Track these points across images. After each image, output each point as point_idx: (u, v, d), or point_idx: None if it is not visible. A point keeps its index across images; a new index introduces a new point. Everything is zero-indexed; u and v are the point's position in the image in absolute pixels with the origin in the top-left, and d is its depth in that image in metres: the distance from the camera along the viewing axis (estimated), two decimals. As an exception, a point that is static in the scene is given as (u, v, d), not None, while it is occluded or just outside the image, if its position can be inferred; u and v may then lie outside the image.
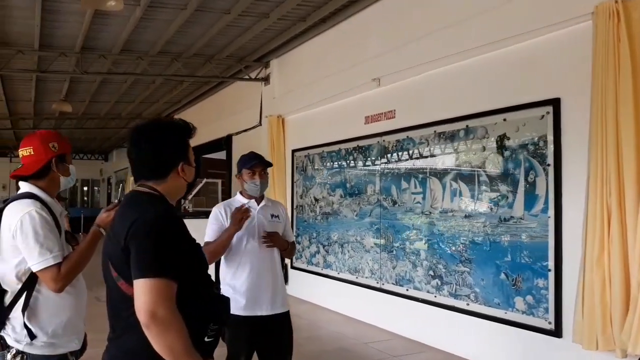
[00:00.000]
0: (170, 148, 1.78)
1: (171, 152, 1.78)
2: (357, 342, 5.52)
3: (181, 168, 1.79)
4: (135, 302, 1.55)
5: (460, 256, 4.99)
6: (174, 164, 1.78)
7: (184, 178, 1.82)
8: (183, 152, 1.81)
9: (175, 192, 1.83)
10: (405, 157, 5.75)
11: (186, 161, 1.82)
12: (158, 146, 1.77)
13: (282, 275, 3.23)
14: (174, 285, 1.59)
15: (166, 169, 1.78)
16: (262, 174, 3.15)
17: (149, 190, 1.77)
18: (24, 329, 2.08)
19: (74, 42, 7.47)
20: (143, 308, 1.52)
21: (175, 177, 1.80)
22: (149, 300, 1.52)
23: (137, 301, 1.54)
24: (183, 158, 1.81)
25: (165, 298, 1.54)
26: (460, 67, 5.10)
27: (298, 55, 8.06)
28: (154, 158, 1.77)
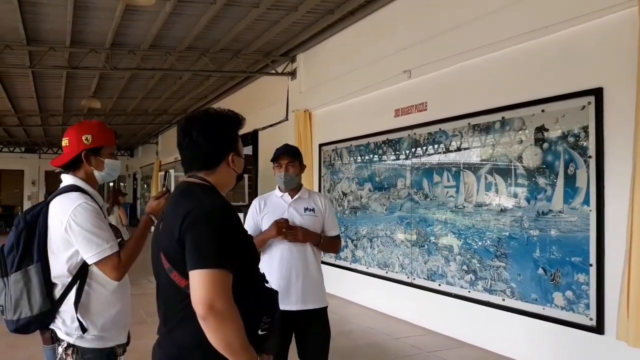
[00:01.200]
0: (221, 139, 1.76)
1: (222, 143, 1.76)
2: (389, 337, 5.46)
3: (231, 159, 1.77)
4: (192, 294, 1.52)
5: (496, 251, 4.89)
6: (224, 155, 1.77)
7: (233, 169, 1.80)
8: (233, 143, 1.79)
9: (226, 183, 1.81)
10: (438, 149, 5.66)
11: (236, 152, 1.80)
12: (209, 137, 1.74)
13: (318, 270, 3.13)
14: (231, 276, 1.55)
15: (217, 160, 1.76)
16: (288, 167, 3.06)
17: (201, 182, 1.75)
18: (74, 322, 2.07)
19: (104, 39, 7.54)
20: (201, 300, 1.49)
21: (225, 168, 1.78)
22: (206, 291, 1.49)
23: (194, 293, 1.51)
24: (233, 149, 1.79)
25: (223, 289, 1.51)
26: (496, 57, 4.99)
27: (325, 49, 8.00)
28: (204, 149, 1.74)
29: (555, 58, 4.45)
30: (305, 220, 3.06)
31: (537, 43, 4.58)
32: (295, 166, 3.09)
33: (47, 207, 2.14)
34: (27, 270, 2.07)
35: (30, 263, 2.08)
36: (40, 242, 2.09)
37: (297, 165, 3.10)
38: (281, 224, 2.95)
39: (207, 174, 1.76)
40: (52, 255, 2.09)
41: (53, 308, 2.08)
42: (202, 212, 1.59)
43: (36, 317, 2.07)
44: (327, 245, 3.17)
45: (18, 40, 7.33)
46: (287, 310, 2.94)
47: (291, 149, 3.20)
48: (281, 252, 3.01)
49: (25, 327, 2.08)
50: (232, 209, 1.69)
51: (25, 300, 2.06)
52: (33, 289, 2.06)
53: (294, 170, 3.08)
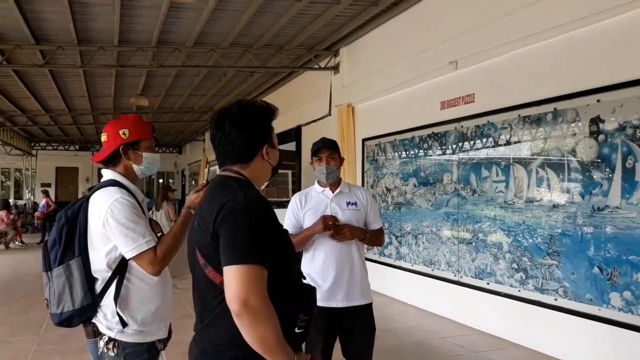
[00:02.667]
0: (254, 130, 1.71)
1: (255, 135, 1.71)
2: (435, 336, 5.32)
3: (265, 151, 1.72)
4: (226, 290, 1.47)
5: (548, 248, 4.67)
6: (258, 147, 1.72)
7: (268, 161, 1.74)
8: (267, 135, 1.74)
9: (261, 176, 1.76)
10: (486, 143, 5.46)
11: (270, 144, 1.74)
12: (242, 129, 1.69)
13: (363, 265, 3.06)
14: (266, 272, 1.50)
15: (250, 152, 1.71)
16: (329, 160, 2.99)
17: (236, 175, 1.70)
18: (114, 317, 2.08)
19: (150, 37, 7.67)
20: (235, 296, 1.44)
21: (259, 160, 1.73)
22: (241, 288, 1.44)
23: (228, 289, 1.47)
24: (267, 140, 1.73)
25: (257, 286, 1.46)
26: (547, 45, 4.76)
27: (368, 42, 7.88)
28: (238, 141, 1.69)
29: (612, 45, 4.20)
30: (347, 214, 2.99)
31: (591, 29, 4.33)
32: (335, 159, 3.02)
33: (87, 202, 2.15)
34: (68, 265, 2.09)
35: (71, 258, 2.09)
36: (80, 236, 2.10)
37: (336, 158, 3.04)
38: (329, 220, 2.89)
39: (241, 168, 1.72)
40: (92, 250, 2.10)
41: (94, 302, 2.09)
42: (237, 206, 1.54)
43: (78, 311, 2.08)
44: (372, 239, 3.10)
45: (69, 41, 7.56)
46: (332, 307, 2.89)
47: (330, 141, 3.12)
48: (325, 249, 2.95)
49: (68, 320, 2.10)
50: (267, 203, 1.64)
51: (68, 294, 2.07)
52: (75, 283, 2.08)
53: (335, 163, 3.02)
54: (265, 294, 1.47)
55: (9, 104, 12.54)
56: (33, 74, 9.80)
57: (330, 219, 2.90)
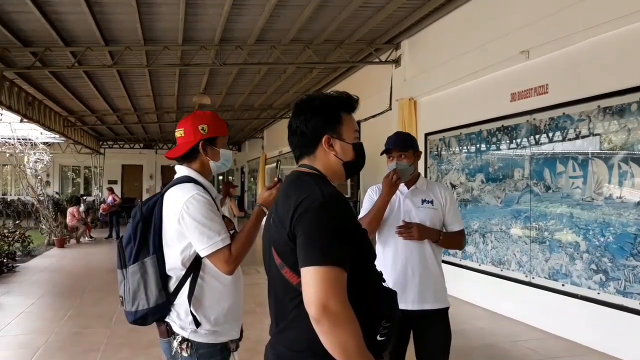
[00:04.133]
0: (316, 119, 1.61)
1: (315, 124, 1.61)
2: (506, 339, 5.08)
3: (326, 141, 1.61)
4: (304, 294, 1.38)
5: (632, 249, 4.35)
6: (318, 137, 1.62)
7: (335, 155, 1.63)
8: (330, 124, 1.63)
9: (331, 170, 1.64)
10: (561, 136, 5.15)
11: (334, 134, 1.63)
12: (304, 117, 1.62)
13: (438, 266, 2.88)
14: (345, 274, 1.40)
15: (312, 143, 1.63)
16: (400, 158, 2.83)
17: (310, 170, 1.62)
18: (188, 316, 2.04)
19: (213, 35, 7.77)
20: (313, 300, 1.35)
21: (322, 152, 1.63)
22: (320, 291, 1.35)
23: (306, 292, 1.38)
24: (329, 130, 1.62)
25: (337, 289, 1.36)
26: (631, 30, 4.42)
27: (431, 34, 7.64)
28: (299, 130, 1.63)
29: None
30: (421, 213, 2.83)
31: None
32: (408, 156, 2.85)
33: (162, 198, 2.12)
34: (143, 262, 2.06)
35: (146, 255, 2.06)
36: (155, 233, 2.07)
37: (410, 155, 2.86)
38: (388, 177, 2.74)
39: (311, 161, 1.64)
40: (167, 247, 2.07)
41: (168, 300, 2.06)
42: (314, 203, 1.45)
43: (153, 310, 2.05)
44: (448, 241, 2.90)
45: (136, 41, 7.76)
46: (403, 310, 2.75)
47: (402, 138, 2.95)
48: (395, 246, 2.80)
49: (142, 318, 2.08)
50: (344, 199, 1.54)
51: (142, 292, 2.05)
52: (149, 281, 2.05)
53: (408, 160, 2.85)
54: (346, 297, 1.38)
55: (80, 104, 13.10)
56: (102, 74, 10.16)
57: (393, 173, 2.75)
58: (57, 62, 8.70)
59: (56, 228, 13.32)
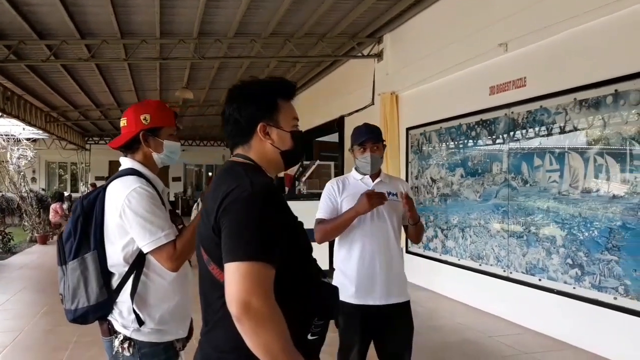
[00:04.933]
0: (249, 105, 1.53)
1: (250, 110, 1.52)
2: (482, 335, 5.04)
3: (262, 129, 1.53)
4: (226, 291, 1.30)
5: (606, 242, 4.31)
6: (252, 123, 1.53)
7: (272, 144, 1.54)
8: (266, 110, 1.54)
9: (267, 160, 1.56)
10: (539, 129, 5.10)
11: (270, 121, 1.54)
12: (237, 104, 1.53)
13: (401, 259, 2.85)
14: (272, 271, 1.32)
15: (246, 131, 1.54)
16: (374, 149, 2.79)
17: (244, 160, 1.54)
18: (131, 314, 1.96)
19: (191, 28, 7.64)
20: (234, 297, 1.27)
21: (258, 141, 1.54)
22: (241, 288, 1.27)
23: (228, 289, 1.29)
24: (265, 117, 1.53)
25: (261, 286, 1.28)
26: (607, 22, 4.37)
27: (413, 27, 7.57)
28: (231, 117, 1.54)
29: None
30: (389, 206, 2.77)
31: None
32: (380, 148, 2.83)
33: (104, 191, 2.03)
34: (83, 258, 1.98)
35: (87, 251, 1.98)
36: (96, 228, 1.99)
37: (380, 147, 2.84)
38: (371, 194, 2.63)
39: (245, 150, 1.55)
40: (109, 243, 1.98)
41: (110, 298, 1.98)
42: (241, 194, 1.36)
43: (93, 308, 1.97)
44: (419, 228, 2.90)
45: (112, 34, 7.61)
46: (370, 305, 2.70)
47: (374, 129, 2.89)
48: (362, 241, 2.74)
49: (83, 317, 1.99)
50: (277, 191, 1.45)
51: (83, 290, 1.97)
52: (90, 277, 1.97)
53: (380, 152, 2.82)
54: (271, 295, 1.30)
55: (61, 100, 12.91)
56: (81, 68, 10.00)
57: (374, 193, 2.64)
58: (32, 56, 8.52)
59: (39, 225, 13.15)
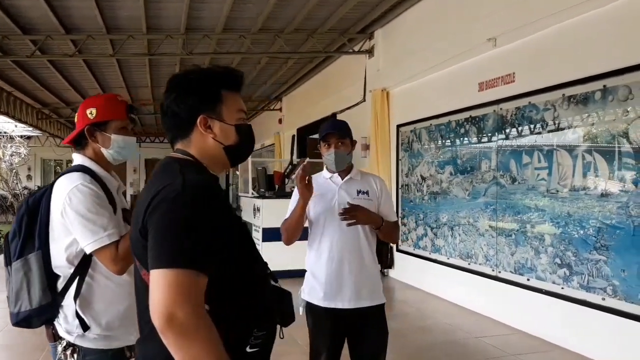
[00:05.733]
0: (189, 96, 1.40)
1: (189, 101, 1.40)
2: (470, 335, 4.93)
3: (202, 121, 1.40)
4: (150, 301, 1.19)
5: (595, 242, 4.20)
6: (192, 116, 1.40)
7: (214, 138, 1.42)
8: (207, 102, 1.42)
9: (209, 156, 1.43)
10: (527, 126, 5.00)
11: (212, 113, 1.42)
12: (177, 94, 1.41)
13: (374, 261, 2.72)
14: (203, 279, 1.20)
15: (186, 124, 1.42)
16: (338, 144, 2.65)
17: (183, 156, 1.42)
18: (75, 319, 1.86)
19: (178, 23, 7.52)
20: (157, 308, 1.16)
21: (199, 135, 1.42)
22: (165, 298, 1.15)
23: (151, 299, 1.18)
24: (206, 109, 1.41)
25: (188, 296, 1.16)
26: (595, 16, 4.26)
27: (404, 22, 7.45)
28: (169, 109, 1.42)
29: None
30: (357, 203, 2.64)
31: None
32: (346, 144, 2.69)
33: (51, 188, 1.93)
34: (27, 259, 1.87)
35: (31, 251, 1.88)
36: (41, 227, 1.88)
37: (347, 143, 2.70)
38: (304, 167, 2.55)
39: (185, 145, 1.43)
40: (54, 243, 1.88)
41: (54, 301, 1.87)
42: (169, 194, 1.25)
43: (36, 311, 1.86)
44: (387, 230, 2.71)
45: (98, 29, 7.49)
46: (339, 309, 2.58)
47: (339, 124, 2.79)
48: (330, 242, 2.61)
49: (26, 321, 1.89)
50: (213, 189, 1.33)
51: (25, 292, 1.86)
52: (33, 279, 1.86)
53: (346, 149, 2.68)
54: (199, 305, 1.18)
55: (52, 96, 12.78)
56: (69, 64, 9.87)
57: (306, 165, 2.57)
58: (17, 51, 8.39)
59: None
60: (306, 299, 2.66)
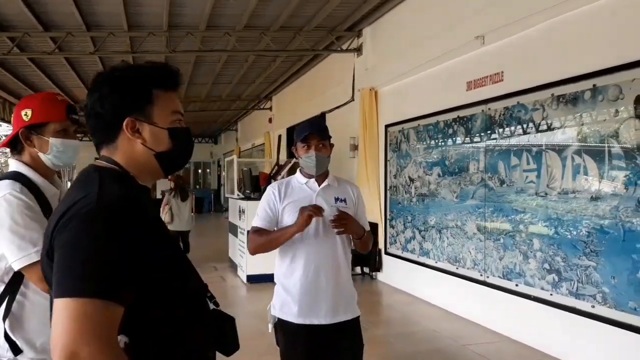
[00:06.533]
0: (114, 95, 1.22)
1: (114, 101, 1.22)
2: (455, 342, 4.77)
3: (129, 125, 1.22)
4: (51, 335, 1.01)
5: (585, 247, 4.05)
6: (117, 118, 1.22)
7: (143, 143, 1.24)
8: (135, 103, 1.23)
9: (138, 164, 1.25)
10: (516, 126, 4.84)
11: (140, 116, 1.24)
12: (100, 93, 1.22)
13: (349, 273, 2.56)
14: (116, 309, 1.03)
15: (109, 126, 1.24)
16: (319, 146, 2.48)
17: (106, 164, 1.24)
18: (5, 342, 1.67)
19: (160, 21, 7.32)
20: (58, 345, 0.97)
21: (126, 140, 1.24)
22: (67, 332, 0.97)
23: (53, 333, 1.00)
24: (134, 111, 1.23)
25: (94, 330, 0.98)
26: (586, 12, 4.11)
27: (392, 20, 7.29)
28: (93, 111, 1.23)
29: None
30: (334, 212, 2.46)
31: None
32: (327, 146, 2.52)
33: None
34: None
35: None
36: None
37: (328, 145, 2.53)
38: (311, 210, 2.33)
39: (110, 152, 1.25)
40: None
41: None
42: (80, 210, 1.07)
43: None
44: (366, 240, 2.57)
45: (77, 26, 7.29)
46: (314, 325, 2.41)
47: (319, 124, 2.61)
48: (306, 254, 2.44)
49: None
50: (134, 204, 1.14)
51: None
52: None
53: (327, 151, 2.51)
54: (110, 341, 1.01)
55: (37, 95, 12.54)
56: (51, 63, 9.64)
57: (314, 209, 2.34)
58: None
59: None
60: (277, 315, 2.48)
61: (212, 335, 1.28)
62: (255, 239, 2.50)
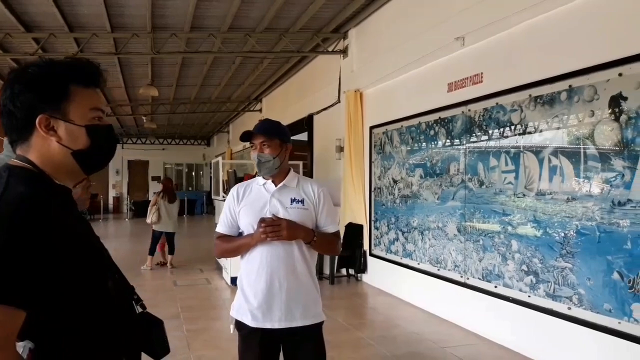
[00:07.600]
0: (27, 92, 1.18)
1: (26, 98, 1.18)
2: (436, 345, 4.74)
3: (42, 122, 1.19)
4: None
5: (561, 249, 4.03)
6: (30, 115, 1.18)
7: (58, 142, 1.20)
8: (49, 99, 1.20)
9: (54, 163, 1.21)
10: (494, 128, 4.82)
11: (55, 113, 1.20)
12: (12, 90, 1.18)
13: (310, 276, 2.47)
14: (17, 313, 0.99)
15: (23, 124, 1.20)
16: (263, 147, 2.41)
17: (20, 164, 1.20)
18: None
19: (144, 22, 7.29)
20: None
21: (40, 138, 1.20)
22: None
23: None
24: (47, 107, 1.19)
25: None
26: (562, 13, 4.10)
27: (376, 21, 7.28)
28: (6, 108, 1.19)
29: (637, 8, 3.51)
30: (291, 214, 2.39)
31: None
32: (273, 146, 2.42)
33: None
34: None
35: None
36: None
37: (275, 144, 2.43)
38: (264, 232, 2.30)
39: (24, 150, 1.22)
40: None
41: None
42: None
43: None
44: (322, 243, 2.46)
45: (59, 27, 7.24)
46: (269, 329, 2.36)
47: (267, 125, 2.55)
48: (260, 256, 2.37)
49: None
50: (41, 205, 1.10)
51: None
52: None
53: (271, 151, 2.42)
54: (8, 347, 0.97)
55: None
56: (36, 64, 9.57)
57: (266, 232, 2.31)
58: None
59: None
60: (235, 317, 2.45)
61: (138, 339, 1.24)
62: (218, 246, 2.50)
